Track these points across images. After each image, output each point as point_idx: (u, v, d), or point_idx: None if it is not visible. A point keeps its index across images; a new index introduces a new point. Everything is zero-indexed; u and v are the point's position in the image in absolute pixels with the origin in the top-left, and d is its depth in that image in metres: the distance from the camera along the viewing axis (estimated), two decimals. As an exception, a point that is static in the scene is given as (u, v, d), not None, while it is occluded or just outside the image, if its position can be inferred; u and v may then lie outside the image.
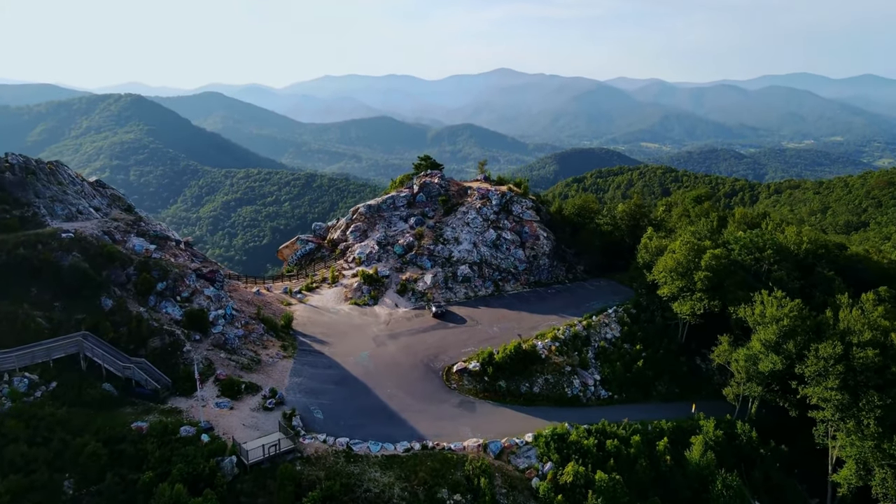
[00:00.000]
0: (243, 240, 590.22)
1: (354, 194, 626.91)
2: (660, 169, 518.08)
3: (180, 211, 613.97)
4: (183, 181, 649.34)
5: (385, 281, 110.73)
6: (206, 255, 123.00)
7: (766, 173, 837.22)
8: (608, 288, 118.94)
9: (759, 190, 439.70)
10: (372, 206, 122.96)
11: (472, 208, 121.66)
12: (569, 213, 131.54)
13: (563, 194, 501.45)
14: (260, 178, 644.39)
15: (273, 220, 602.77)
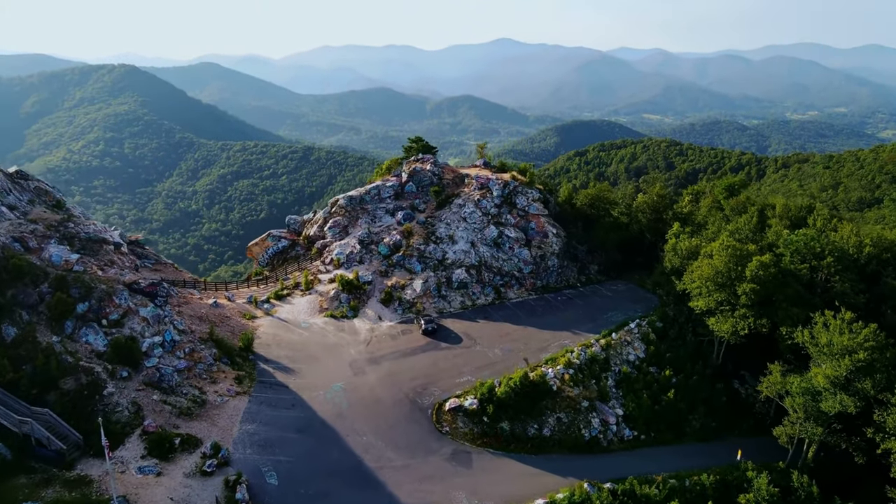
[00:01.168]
0: (240, 214, 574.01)
1: (353, 167, 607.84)
2: (664, 142, 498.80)
3: (176, 185, 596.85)
4: (179, 154, 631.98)
5: (367, 288, 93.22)
6: (162, 254, 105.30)
7: (770, 145, 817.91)
8: (627, 293, 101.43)
9: (766, 164, 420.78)
10: (353, 197, 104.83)
11: (470, 200, 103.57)
12: (581, 203, 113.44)
13: (565, 168, 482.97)
14: (257, 151, 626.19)
15: (270, 193, 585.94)
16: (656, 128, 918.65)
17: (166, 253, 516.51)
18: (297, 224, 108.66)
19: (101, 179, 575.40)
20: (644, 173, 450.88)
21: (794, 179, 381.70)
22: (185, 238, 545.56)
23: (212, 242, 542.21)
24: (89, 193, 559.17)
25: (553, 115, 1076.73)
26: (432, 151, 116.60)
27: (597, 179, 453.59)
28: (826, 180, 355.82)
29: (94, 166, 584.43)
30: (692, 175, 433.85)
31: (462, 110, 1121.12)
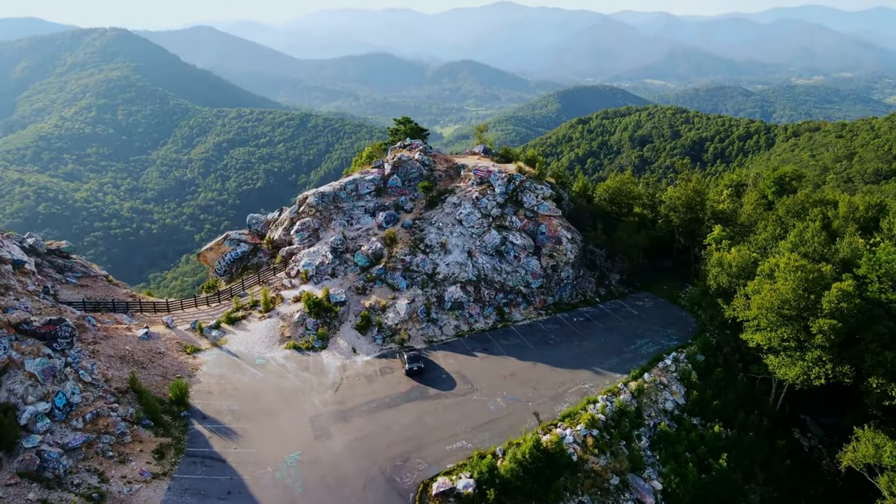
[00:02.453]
0: (236, 182, 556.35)
1: (350, 135, 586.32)
2: (669, 109, 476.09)
3: (171, 153, 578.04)
4: (173, 121, 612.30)
5: (339, 311, 74.31)
6: (91, 265, 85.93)
7: (775, 111, 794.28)
8: (656, 311, 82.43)
9: (775, 133, 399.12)
10: (326, 194, 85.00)
11: (467, 198, 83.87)
12: (600, 199, 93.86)
13: (568, 136, 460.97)
14: (252, 119, 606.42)
15: (266, 162, 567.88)
16: (659, 93, 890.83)
17: (161, 223, 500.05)
18: (260, 224, 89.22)
19: (94, 147, 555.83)
20: (649, 142, 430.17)
21: (805, 149, 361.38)
22: (180, 207, 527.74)
23: (208, 212, 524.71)
24: (82, 162, 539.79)
25: (554, 81, 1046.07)
26: (422, 135, 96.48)
27: (600, 149, 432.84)
28: (840, 150, 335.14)
29: (87, 133, 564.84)
30: (699, 144, 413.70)
31: (462, 76, 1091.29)
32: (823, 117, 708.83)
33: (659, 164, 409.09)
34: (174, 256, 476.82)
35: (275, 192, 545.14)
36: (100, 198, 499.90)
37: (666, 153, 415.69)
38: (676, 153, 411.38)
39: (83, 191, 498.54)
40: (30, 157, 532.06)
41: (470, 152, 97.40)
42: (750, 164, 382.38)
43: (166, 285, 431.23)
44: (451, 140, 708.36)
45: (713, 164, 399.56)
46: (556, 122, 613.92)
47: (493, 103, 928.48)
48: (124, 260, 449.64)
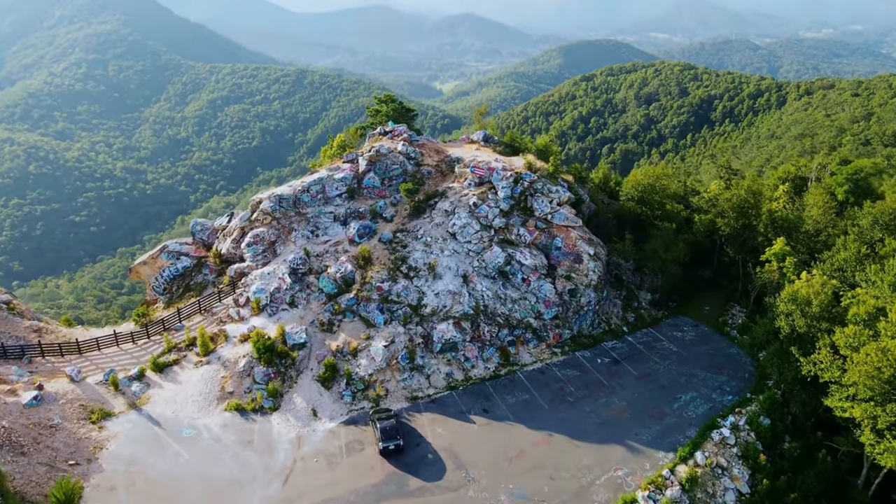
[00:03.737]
0: (231, 141, 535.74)
1: (347, 92, 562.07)
2: (677, 66, 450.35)
3: (164, 110, 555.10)
4: (166, 77, 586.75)
5: (298, 356, 56.28)
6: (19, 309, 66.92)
7: (782, 66, 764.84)
8: (699, 344, 64.14)
9: (786, 90, 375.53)
10: (285, 197, 65.64)
11: (463, 204, 64.57)
12: (627, 197, 74.61)
13: (571, 94, 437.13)
14: (247, 75, 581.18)
15: (262, 120, 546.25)
16: (664, 48, 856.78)
17: (156, 183, 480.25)
18: (206, 232, 70.26)
19: (86, 105, 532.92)
20: (655, 100, 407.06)
21: (818, 108, 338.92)
22: (175, 167, 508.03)
23: (203, 172, 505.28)
24: (73, 120, 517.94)
25: (557, 35, 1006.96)
26: (408, 118, 76.65)
27: (604, 107, 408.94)
28: (857, 110, 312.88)
29: (78, 90, 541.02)
30: (707, 102, 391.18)
31: (462, 30, 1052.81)
32: (832, 72, 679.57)
33: (665, 123, 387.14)
34: (169, 217, 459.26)
35: (271, 150, 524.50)
36: (92, 157, 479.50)
37: (673, 112, 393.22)
38: (684, 112, 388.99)
39: (75, 150, 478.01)
40: (19, 114, 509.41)
41: (467, 139, 77.45)
42: (760, 124, 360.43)
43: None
44: (450, 97, 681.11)
45: (721, 123, 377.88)
46: (559, 79, 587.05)
47: (493, 58, 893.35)
48: (118, 222, 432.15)
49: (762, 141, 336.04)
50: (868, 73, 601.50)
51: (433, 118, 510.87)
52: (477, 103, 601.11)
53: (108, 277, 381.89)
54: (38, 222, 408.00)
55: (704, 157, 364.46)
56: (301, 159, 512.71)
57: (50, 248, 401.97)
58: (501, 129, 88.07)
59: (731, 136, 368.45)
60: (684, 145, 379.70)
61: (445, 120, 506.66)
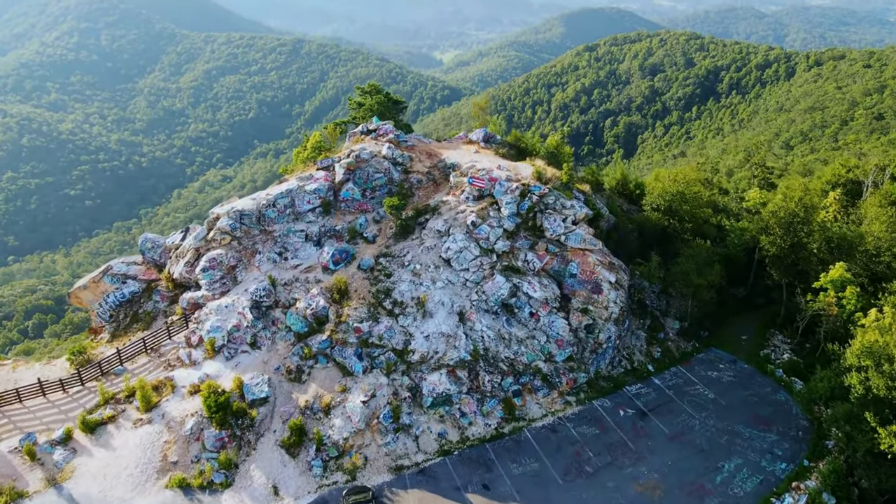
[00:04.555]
0: (228, 113, 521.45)
1: (346, 62, 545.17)
2: (683, 35, 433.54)
3: (158, 81, 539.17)
4: (160, 47, 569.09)
5: (258, 415, 45.45)
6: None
7: (788, 34, 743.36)
8: (740, 389, 53.05)
9: (796, 61, 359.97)
10: (247, 213, 53.82)
11: (459, 223, 52.84)
12: (651, 204, 62.88)
13: (574, 65, 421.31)
14: (243, 45, 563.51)
15: (259, 91, 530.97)
16: (668, 16, 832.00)
17: (151, 156, 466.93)
18: (158, 250, 58.76)
19: (79, 75, 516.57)
20: (660, 71, 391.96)
21: (829, 80, 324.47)
22: (170, 139, 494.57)
23: (199, 144, 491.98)
24: (66, 91, 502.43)
25: (559, 2, 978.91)
26: (396, 113, 64.43)
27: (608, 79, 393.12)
28: (869, 82, 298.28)
29: (70, 60, 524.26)
30: (713, 73, 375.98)
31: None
32: (839, 41, 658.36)
33: (670, 95, 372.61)
34: (165, 191, 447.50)
35: (268, 122, 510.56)
36: (86, 129, 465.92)
37: (678, 83, 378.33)
38: (689, 83, 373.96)
39: (68, 122, 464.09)
40: (11, 86, 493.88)
41: (464, 138, 65.16)
42: (768, 97, 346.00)
43: (158, 221, 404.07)
44: (450, 67, 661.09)
45: (728, 95, 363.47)
46: (561, 48, 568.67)
47: (494, 27, 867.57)
48: (114, 195, 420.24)
49: (770, 114, 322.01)
50: (875, 42, 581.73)
51: (433, 89, 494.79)
52: (477, 74, 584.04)
53: (104, 252, 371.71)
54: (33, 196, 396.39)
55: (710, 130, 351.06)
56: (299, 131, 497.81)
57: (45, 223, 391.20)
58: (502, 103, 75.89)
59: (738, 109, 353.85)
60: (689, 118, 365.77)
61: (445, 91, 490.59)
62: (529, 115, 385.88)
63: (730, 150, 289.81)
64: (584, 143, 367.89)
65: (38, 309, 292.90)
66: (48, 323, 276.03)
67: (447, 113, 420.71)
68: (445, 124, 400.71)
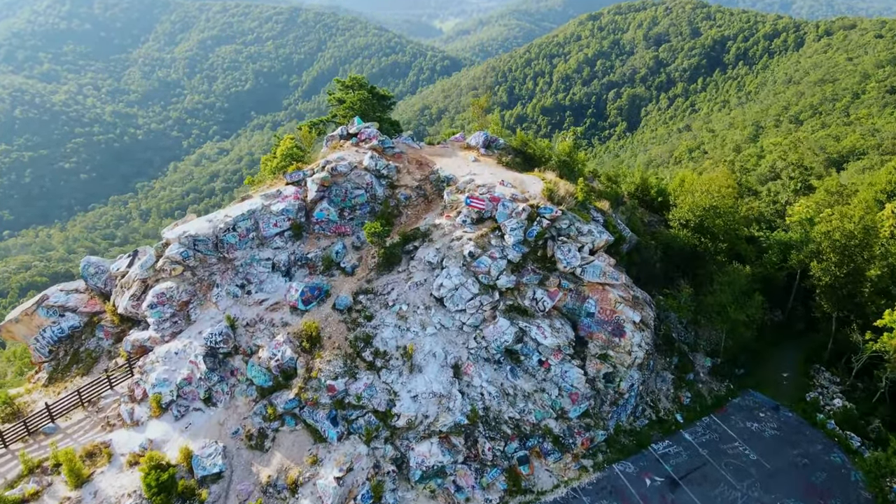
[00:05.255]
0: (224, 84, 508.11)
1: (344, 31, 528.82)
2: (689, 3, 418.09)
3: (153, 51, 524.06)
4: (154, 15, 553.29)
5: (209, 496, 36.81)
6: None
7: (794, 1, 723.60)
8: (786, 446, 44.15)
9: (805, 31, 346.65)
10: (201, 238, 44.24)
11: (455, 253, 43.20)
12: (679, 220, 53.30)
13: (576, 35, 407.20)
14: (238, 13, 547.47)
15: (255, 61, 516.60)
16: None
17: (147, 128, 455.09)
18: (103, 276, 49.51)
19: (71, 45, 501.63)
20: (665, 41, 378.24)
21: (839, 50, 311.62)
22: (166, 111, 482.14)
23: (195, 116, 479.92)
24: (59, 61, 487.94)
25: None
26: (381, 111, 54.39)
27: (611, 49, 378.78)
28: (881, 53, 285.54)
29: (63, 29, 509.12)
30: (720, 44, 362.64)
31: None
32: (846, 8, 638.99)
33: (675, 66, 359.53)
34: (162, 164, 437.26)
35: (265, 94, 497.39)
36: (79, 101, 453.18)
37: (684, 54, 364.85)
38: (695, 54, 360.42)
39: (61, 93, 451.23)
40: (3, 56, 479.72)
41: (461, 141, 55.22)
42: (776, 68, 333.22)
43: (154, 195, 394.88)
44: (451, 37, 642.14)
45: (735, 66, 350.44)
46: (564, 17, 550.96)
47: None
48: (110, 169, 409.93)
49: (778, 87, 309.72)
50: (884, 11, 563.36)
51: (432, 59, 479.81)
52: (478, 43, 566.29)
53: (100, 227, 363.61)
54: (27, 169, 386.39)
55: (716, 102, 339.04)
56: (296, 103, 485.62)
57: (40, 196, 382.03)
58: (503, 74, 65.63)
59: (745, 81, 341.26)
60: (695, 90, 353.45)
61: (445, 62, 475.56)
62: (530, 86, 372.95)
63: (737, 125, 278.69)
64: (586, 116, 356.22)
65: (33, 286, 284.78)
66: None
67: (447, 84, 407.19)
68: (445, 96, 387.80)
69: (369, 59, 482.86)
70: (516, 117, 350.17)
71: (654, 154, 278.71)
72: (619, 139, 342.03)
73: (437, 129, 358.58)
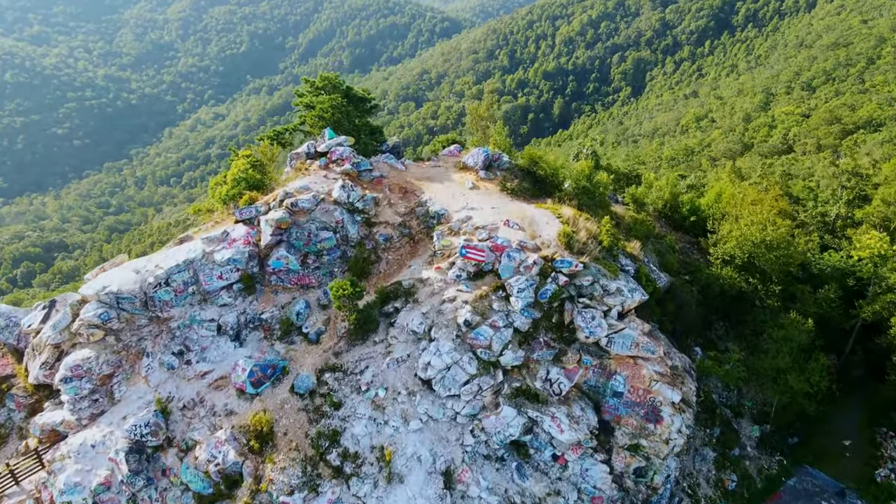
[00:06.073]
0: (218, 47, 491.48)
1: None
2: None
3: (144, 11, 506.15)
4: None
5: None
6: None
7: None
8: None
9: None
10: (125, 296, 34.37)
11: (446, 319, 33.05)
12: (723, 255, 43.07)
13: None
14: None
15: (250, 22, 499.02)
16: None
17: (140, 93, 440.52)
18: (14, 331, 39.65)
19: (62, 6, 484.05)
20: (672, 2, 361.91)
21: (853, 12, 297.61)
22: (159, 75, 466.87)
23: (190, 80, 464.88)
24: (49, 23, 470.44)
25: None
26: (358, 118, 43.41)
27: (616, 10, 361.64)
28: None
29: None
30: (729, 4, 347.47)
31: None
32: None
33: (682, 28, 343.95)
34: (156, 130, 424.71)
35: (261, 56, 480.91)
36: (71, 64, 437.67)
37: (691, 15, 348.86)
38: (703, 15, 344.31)
39: (52, 56, 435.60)
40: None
41: (456, 156, 44.36)
42: (787, 30, 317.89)
43: (149, 161, 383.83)
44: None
45: (744, 28, 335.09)
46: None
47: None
48: (103, 135, 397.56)
49: (790, 50, 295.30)
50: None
51: (432, 21, 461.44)
52: (478, 3, 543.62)
53: (94, 195, 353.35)
54: (19, 135, 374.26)
55: (724, 67, 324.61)
56: (293, 66, 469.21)
57: (33, 163, 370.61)
58: (504, 37, 54.34)
59: (755, 45, 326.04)
60: (702, 54, 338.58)
61: (445, 23, 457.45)
62: (532, 49, 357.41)
63: (746, 91, 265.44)
64: (589, 80, 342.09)
65: (27, 257, 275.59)
66: (37, 272, 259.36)
67: (447, 47, 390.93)
68: (445, 60, 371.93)
69: (367, 20, 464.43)
70: (518, 82, 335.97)
71: (659, 122, 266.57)
72: (624, 105, 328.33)
73: (436, 95, 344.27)
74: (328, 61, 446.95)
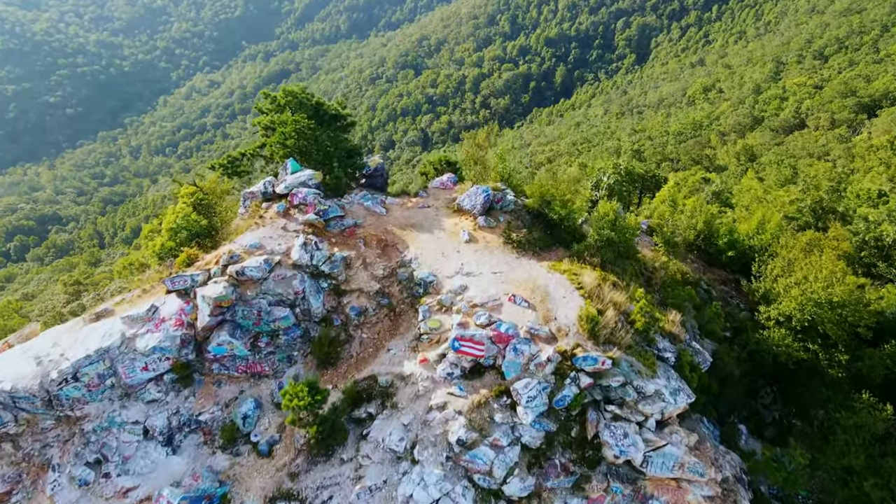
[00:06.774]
0: (212, 11, 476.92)
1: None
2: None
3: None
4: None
5: None
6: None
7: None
8: None
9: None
10: (23, 396, 26.42)
11: (434, 434, 25.15)
12: (779, 315, 34.67)
13: None
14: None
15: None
16: None
17: (133, 59, 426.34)
18: None
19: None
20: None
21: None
22: (153, 41, 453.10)
23: (183, 46, 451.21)
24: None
25: None
26: (330, 143, 34.33)
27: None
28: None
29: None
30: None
31: None
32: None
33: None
34: (150, 98, 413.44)
35: (256, 21, 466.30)
36: (62, 29, 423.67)
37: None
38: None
39: (42, 21, 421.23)
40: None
41: (451, 189, 35.44)
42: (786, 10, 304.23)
43: (144, 131, 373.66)
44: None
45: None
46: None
47: None
48: (96, 103, 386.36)
49: (801, 16, 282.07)
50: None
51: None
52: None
53: (88, 165, 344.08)
54: (11, 104, 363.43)
55: (732, 34, 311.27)
56: (289, 31, 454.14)
57: (25, 132, 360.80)
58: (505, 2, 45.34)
59: (764, 10, 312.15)
60: (709, 19, 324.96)
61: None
62: (534, 15, 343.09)
63: (755, 60, 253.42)
64: (592, 47, 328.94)
65: (20, 230, 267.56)
66: (30, 245, 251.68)
67: (446, 12, 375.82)
68: (444, 25, 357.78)
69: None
70: (519, 49, 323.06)
71: (665, 92, 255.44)
72: (628, 73, 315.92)
73: (435, 62, 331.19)
74: (325, 26, 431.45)
